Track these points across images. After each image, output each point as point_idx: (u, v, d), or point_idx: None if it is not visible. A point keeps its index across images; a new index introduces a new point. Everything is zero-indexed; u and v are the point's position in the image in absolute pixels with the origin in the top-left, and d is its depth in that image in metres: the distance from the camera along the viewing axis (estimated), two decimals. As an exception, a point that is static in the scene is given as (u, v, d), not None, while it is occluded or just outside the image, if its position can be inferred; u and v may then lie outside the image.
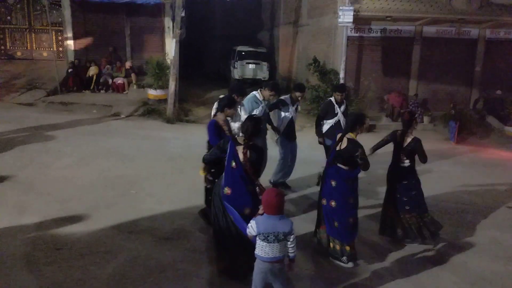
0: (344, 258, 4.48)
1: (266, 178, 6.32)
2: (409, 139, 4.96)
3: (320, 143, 6.91)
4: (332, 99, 6.86)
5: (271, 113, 6.57)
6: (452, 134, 11.84)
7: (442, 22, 13.89)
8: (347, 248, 4.49)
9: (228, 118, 5.02)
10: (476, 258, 4.90)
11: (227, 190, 3.94)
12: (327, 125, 6.84)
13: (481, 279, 4.45)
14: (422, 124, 13.51)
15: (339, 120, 6.72)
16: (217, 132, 4.74)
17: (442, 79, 14.59)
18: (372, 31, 13.83)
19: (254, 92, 6.22)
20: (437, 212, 6.21)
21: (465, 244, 5.23)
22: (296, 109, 6.72)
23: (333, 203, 4.50)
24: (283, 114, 6.54)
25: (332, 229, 4.52)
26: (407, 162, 4.99)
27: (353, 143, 4.44)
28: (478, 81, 14.91)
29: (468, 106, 14.47)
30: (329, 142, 6.44)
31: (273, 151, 6.72)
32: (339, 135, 4.64)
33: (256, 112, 5.99)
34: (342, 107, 6.80)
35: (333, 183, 4.52)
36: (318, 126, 6.87)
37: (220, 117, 4.89)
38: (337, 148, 4.55)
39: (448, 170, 8.67)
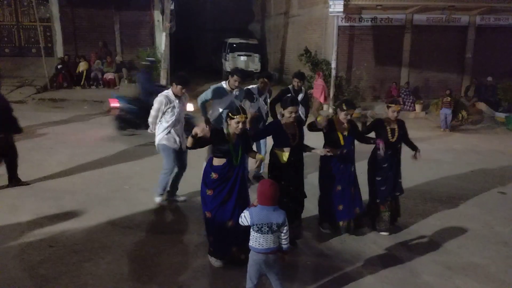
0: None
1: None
2: None
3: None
4: (290, 87, 6.61)
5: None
6: (444, 121, 11.90)
7: (433, 10, 13.91)
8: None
9: None
10: (468, 243, 4.95)
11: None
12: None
13: (473, 264, 4.49)
14: (414, 112, 13.58)
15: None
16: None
17: (433, 67, 14.65)
18: (363, 20, 13.82)
19: (222, 83, 5.86)
20: (429, 199, 6.28)
21: (457, 230, 5.28)
22: (265, 101, 6.30)
23: None
24: (250, 105, 6.11)
25: None
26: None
27: None
28: (469, 68, 14.99)
29: (459, 93, 14.54)
30: None
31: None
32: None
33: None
34: (300, 95, 6.49)
35: None
36: (273, 110, 6.34)
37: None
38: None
39: (440, 158, 8.73)
